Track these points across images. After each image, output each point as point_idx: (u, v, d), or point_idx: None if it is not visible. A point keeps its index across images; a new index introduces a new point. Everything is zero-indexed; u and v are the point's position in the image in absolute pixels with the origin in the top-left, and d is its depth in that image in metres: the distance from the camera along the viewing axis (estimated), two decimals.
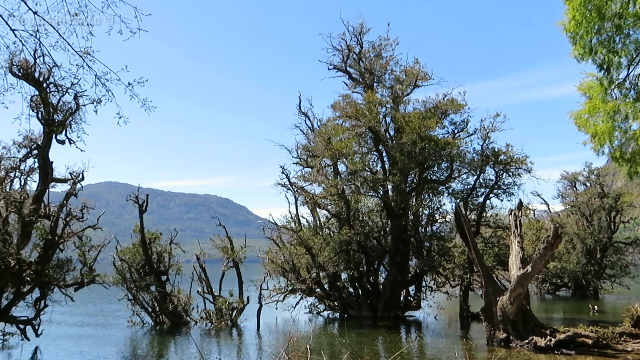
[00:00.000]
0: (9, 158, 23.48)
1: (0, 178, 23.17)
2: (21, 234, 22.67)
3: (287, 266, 37.01)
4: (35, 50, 10.20)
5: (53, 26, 9.48)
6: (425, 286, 38.76)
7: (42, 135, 23.03)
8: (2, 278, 21.70)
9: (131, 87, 10.39)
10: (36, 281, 23.15)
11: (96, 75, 10.06)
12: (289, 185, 39.36)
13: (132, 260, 33.33)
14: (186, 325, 33.20)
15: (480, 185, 37.49)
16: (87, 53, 9.90)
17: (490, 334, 24.61)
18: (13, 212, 22.71)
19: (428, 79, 38.59)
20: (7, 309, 23.17)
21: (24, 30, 9.54)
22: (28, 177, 24.13)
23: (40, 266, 23.06)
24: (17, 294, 23.00)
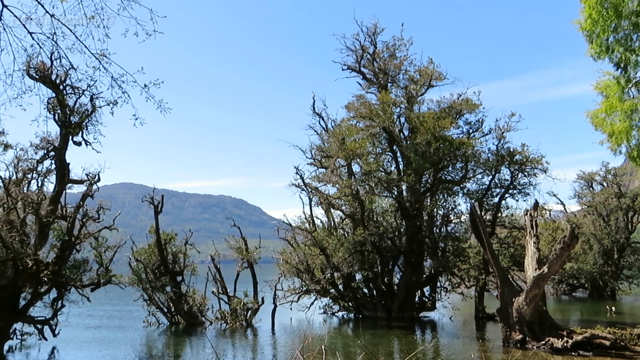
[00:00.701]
0: (26, 160, 23.70)
1: (18, 179, 23.40)
2: (38, 235, 22.86)
3: (302, 267, 37.04)
4: (52, 53, 10.32)
5: (70, 29, 9.58)
6: (440, 287, 38.63)
7: (59, 137, 23.21)
8: (20, 278, 21.89)
9: (147, 88, 10.46)
10: (53, 281, 23.33)
11: (112, 77, 10.15)
12: (303, 185, 39.43)
13: (147, 260, 33.55)
14: (201, 325, 33.34)
15: (496, 186, 37.29)
16: (104, 55, 9.99)
17: (506, 335, 24.45)
18: (31, 213, 22.90)
19: (442, 79, 38.50)
20: (25, 309, 23.38)
21: (41, 33, 9.64)
22: (45, 178, 24.35)
23: (58, 267, 23.24)
24: (34, 294, 23.19)
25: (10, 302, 22.54)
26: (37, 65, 20.16)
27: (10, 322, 23.03)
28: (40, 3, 9.31)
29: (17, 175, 23.53)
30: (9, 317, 22.54)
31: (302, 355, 11.16)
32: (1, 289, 21.73)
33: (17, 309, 22.97)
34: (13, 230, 21.81)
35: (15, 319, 23.24)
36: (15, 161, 23.55)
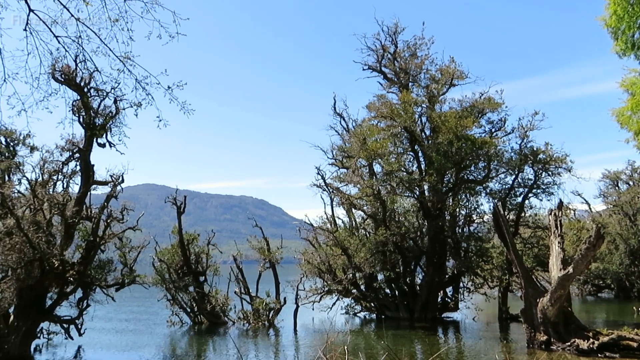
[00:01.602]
0: (52, 161, 24.09)
1: (44, 181, 23.78)
2: (64, 235, 23.22)
3: (323, 267, 37.05)
4: (76, 56, 10.43)
5: (94, 32, 9.70)
6: (463, 287, 38.33)
7: (84, 138, 23.55)
8: (46, 278, 22.25)
9: (170, 90, 10.56)
10: (79, 281, 23.66)
11: (136, 80, 10.25)
12: (325, 186, 39.46)
13: (170, 261, 33.85)
14: (224, 325, 33.55)
15: (519, 185, 36.89)
16: (128, 58, 10.10)
17: (531, 336, 24.18)
18: (56, 214, 23.27)
19: (464, 78, 38.21)
20: (51, 309, 23.77)
21: (66, 36, 9.78)
22: (70, 179, 24.72)
23: (83, 267, 23.57)
24: (60, 294, 23.56)
25: (37, 301, 22.93)
26: (62, 68, 20.46)
27: (37, 322, 23.43)
28: (65, 7, 9.44)
29: (43, 176, 23.93)
30: (36, 317, 22.93)
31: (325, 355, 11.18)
32: (28, 289, 22.10)
33: (44, 309, 23.36)
34: (40, 230, 22.17)
35: (42, 318, 23.64)
36: (41, 163, 23.98)
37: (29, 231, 21.61)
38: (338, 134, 41.96)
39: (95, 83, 20.20)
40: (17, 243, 21.41)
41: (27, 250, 21.47)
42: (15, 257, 21.41)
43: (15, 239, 21.59)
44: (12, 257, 21.41)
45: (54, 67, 20.13)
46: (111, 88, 18.96)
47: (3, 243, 21.94)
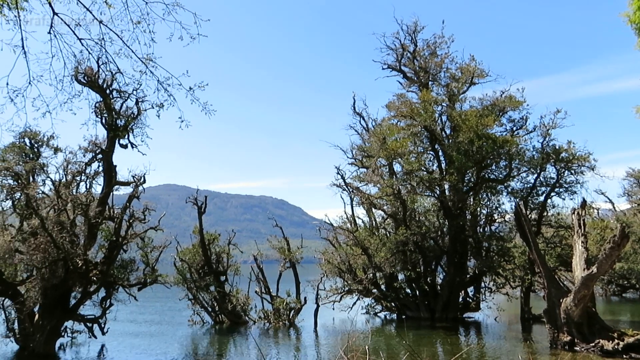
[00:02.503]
0: (75, 162, 24.40)
1: (68, 182, 24.09)
2: (87, 235, 23.52)
3: (344, 267, 37.02)
4: (98, 58, 10.55)
5: (117, 34, 9.80)
6: (485, 287, 38.03)
7: (106, 140, 23.82)
8: (70, 278, 22.56)
9: (192, 91, 10.64)
10: (102, 281, 23.95)
11: (158, 81, 10.35)
12: (345, 185, 39.42)
13: (192, 260, 34.07)
14: (245, 324, 33.69)
15: (541, 184, 36.48)
16: (150, 59, 10.19)
17: (554, 337, 23.92)
18: (80, 214, 23.58)
19: (485, 76, 37.91)
20: (75, 308, 24.09)
21: (90, 39, 9.90)
22: (93, 180, 25.01)
23: (106, 266, 23.85)
24: (84, 293, 23.87)
25: (62, 300, 23.27)
26: (85, 70, 20.71)
27: (61, 320, 23.77)
28: (88, 10, 9.55)
29: (66, 177, 24.24)
30: (60, 316, 23.26)
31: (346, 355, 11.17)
32: (53, 288, 22.44)
33: (68, 308, 23.70)
34: (63, 231, 22.48)
35: (66, 317, 23.98)
36: (64, 164, 24.28)
37: (53, 231, 21.92)
38: (358, 134, 41.96)
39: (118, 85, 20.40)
40: (42, 243, 21.75)
41: (51, 250, 21.80)
42: (40, 257, 21.75)
43: (40, 239, 21.93)
44: (37, 256, 21.75)
45: (77, 70, 20.40)
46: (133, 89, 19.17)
47: (28, 243, 22.31)
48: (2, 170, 23.04)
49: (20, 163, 23.63)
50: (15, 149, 23.90)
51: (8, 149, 23.72)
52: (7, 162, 23.19)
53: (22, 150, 24.14)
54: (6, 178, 23.43)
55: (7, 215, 24.42)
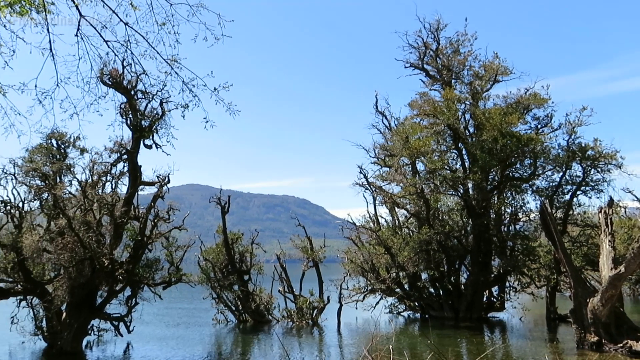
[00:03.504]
0: (101, 163, 24.72)
1: (94, 182, 24.43)
2: (113, 235, 23.83)
3: (367, 266, 36.96)
4: (123, 60, 10.66)
5: (142, 36, 9.90)
6: (509, 287, 37.66)
7: (131, 140, 24.10)
8: (97, 277, 22.88)
9: (217, 91, 10.70)
10: (127, 280, 24.23)
11: (183, 82, 10.43)
12: (367, 185, 39.31)
13: (215, 260, 34.30)
14: (268, 323, 33.82)
15: (567, 182, 36.00)
16: (175, 60, 10.28)
17: (581, 337, 23.58)
18: (106, 214, 23.89)
19: (509, 74, 37.50)
20: (102, 307, 24.42)
21: (116, 41, 10.01)
22: (119, 180, 25.31)
23: (131, 265, 24.12)
24: (110, 292, 24.18)
25: (88, 299, 23.61)
26: (110, 72, 20.99)
27: (88, 319, 24.12)
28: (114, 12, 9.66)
29: (92, 178, 24.57)
30: (87, 314, 23.62)
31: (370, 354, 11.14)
32: (80, 287, 22.78)
33: (95, 306, 24.03)
34: (90, 230, 22.80)
35: (93, 315, 24.32)
36: (90, 164, 24.62)
37: (80, 231, 22.26)
38: (380, 133, 41.79)
39: (144, 86, 20.63)
40: (69, 242, 22.09)
41: (78, 249, 22.13)
42: (67, 256, 22.10)
43: (67, 238, 22.28)
44: (65, 256, 22.11)
45: (102, 71, 20.71)
46: (157, 90, 19.39)
47: (56, 243, 22.67)
48: (30, 171, 23.44)
49: (48, 164, 24.01)
50: (42, 150, 24.29)
51: (36, 150, 24.10)
52: (35, 163, 23.59)
53: (49, 151, 24.51)
54: (34, 179, 23.84)
55: (35, 216, 24.81)
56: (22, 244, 22.46)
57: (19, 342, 25.15)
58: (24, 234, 22.85)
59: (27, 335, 25.00)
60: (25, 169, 23.47)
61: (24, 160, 23.72)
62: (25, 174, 23.56)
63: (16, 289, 24.08)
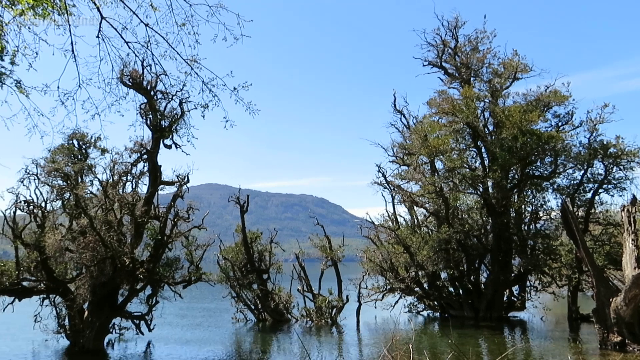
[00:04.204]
0: (121, 163, 24.96)
1: (115, 182, 24.67)
2: (134, 234, 24.04)
3: (385, 265, 36.87)
4: (143, 60, 10.73)
5: (162, 36, 9.97)
6: (530, 286, 37.32)
7: (151, 140, 24.29)
8: (118, 276, 23.10)
9: (236, 91, 10.74)
10: (148, 279, 24.43)
11: (203, 82, 10.47)
12: (386, 183, 39.22)
13: (235, 259, 34.44)
14: (287, 322, 33.88)
15: (588, 180, 35.55)
16: (195, 61, 10.34)
17: (604, 337, 23.28)
18: (127, 213, 24.10)
19: (528, 71, 37.16)
20: (123, 305, 24.66)
21: (136, 42, 10.09)
22: (139, 180, 25.52)
23: (152, 264, 24.31)
24: (131, 290, 24.41)
25: (110, 298, 23.85)
26: (130, 72, 21.17)
27: (110, 317, 24.37)
28: (135, 13, 9.74)
29: (113, 177, 24.81)
30: (108, 312, 23.86)
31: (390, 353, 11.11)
32: (101, 286, 23.02)
33: (116, 305, 24.27)
34: (111, 230, 23.04)
35: (114, 314, 24.56)
36: (111, 165, 24.87)
37: (101, 230, 22.50)
38: (398, 131, 41.68)
39: (164, 86, 20.76)
40: (91, 242, 22.33)
41: (99, 248, 22.37)
42: (89, 255, 22.34)
43: (88, 237, 22.53)
44: (86, 255, 22.36)
45: (122, 72, 20.89)
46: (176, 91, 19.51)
47: (77, 242, 22.94)
48: (53, 172, 23.75)
49: (69, 164, 24.30)
50: (64, 151, 24.59)
51: (57, 151, 24.40)
52: (57, 164, 23.89)
53: (70, 151, 24.81)
54: (56, 179, 24.15)
55: (57, 215, 25.12)
56: (45, 243, 22.77)
57: (42, 340, 25.52)
58: (47, 234, 23.15)
59: (50, 334, 25.36)
60: (48, 169, 23.78)
61: (46, 160, 24.04)
62: (47, 174, 23.87)
63: (39, 287, 24.40)
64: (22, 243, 23.39)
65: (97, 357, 22.98)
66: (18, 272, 23.51)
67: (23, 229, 23.78)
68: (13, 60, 9.05)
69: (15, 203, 23.47)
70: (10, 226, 23.34)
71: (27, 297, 24.55)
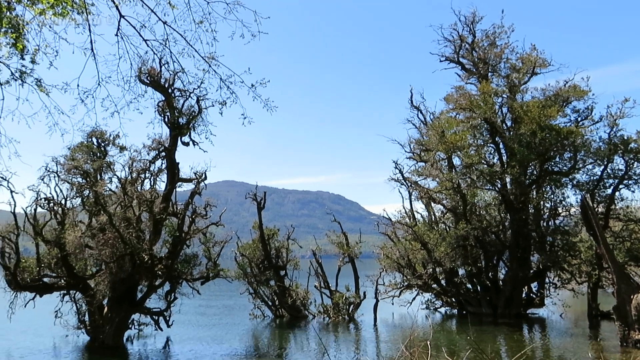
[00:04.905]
0: (140, 160, 25.13)
1: (133, 179, 24.87)
2: (152, 231, 24.24)
3: (403, 262, 36.77)
4: (160, 58, 10.77)
5: (180, 34, 9.99)
6: (549, 283, 36.95)
7: (169, 138, 24.44)
8: (137, 272, 23.31)
9: (254, 88, 10.74)
10: (167, 275, 24.61)
11: (221, 79, 10.48)
12: (403, 180, 39.07)
13: (252, 255, 34.57)
14: (304, 318, 33.96)
15: (608, 176, 35.09)
16: (212, 58, 10.35)
17: (624, 335, 23.02)
18: (145, 210, 24.30)
19: (547, 66, 36.71)
20: (142, 301, 24.89)
21: (154, 39, 10.13)
22: (157, 177, 25.68)
23: (170, 261, 24.49)
24: (150, 287, 24.62)
25: (129, 294, 24.08)
26: (148, 70, 21.28)
27: (129, 313, 24.62)
28: (153, 11, 9.78)
29: (132, 175, 25.00)
30: (127, 308, 24.09)
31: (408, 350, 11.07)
32: (121, 282, 23.24)
33: (135, 301, 24.50)
34: (130, 226, 23.25)
35: (133, 310, 24.81)
36: (130, 162, 25.06)
37: (120, 227, 22.70)
38: (415, 127, 41.51)
39: (182, 83, 20.84)
40: (110, 238, 22.55)
41: (119, 245, 22.58)
42: (109, 252, 22.56)
43: (108, 234, 22.75)
44: (106, 251, 22.58)
45: (140, 70, 21.00)
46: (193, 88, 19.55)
47: (97, 239, 23.19)
48: (72, 169, 23.99)
49: (89, 162, 24.52)
50: (83, 149, 24.81)
51: (77, 149, 24.63)
52: (76, 161, 24.12)
53: (89, 149, 25.03)
54: (76, 176, 24.39)
55: (77, 212, 25.40)
56: (65, 240, 23.06)
57: (62, 335, 25.86)
58: (67, 230, 23.45)
59: (70, 329, 25.69)
60: (67, 167, 24.03)
61: (66, 158, 24.30)
62: (67, 172, 24.13)
63: (60, 283, 24.75)
64: (42, 240, 23.72)
65: (117, 353, 23.23)
66: (39, 269, 23.87)
67: (44, 226, 24.10)
68: (34, 59, 9.15)
69: (36, 200, 23.80)
70: (31, 223, 23.68)
71: (47, 293, 24.94)
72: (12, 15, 8.84)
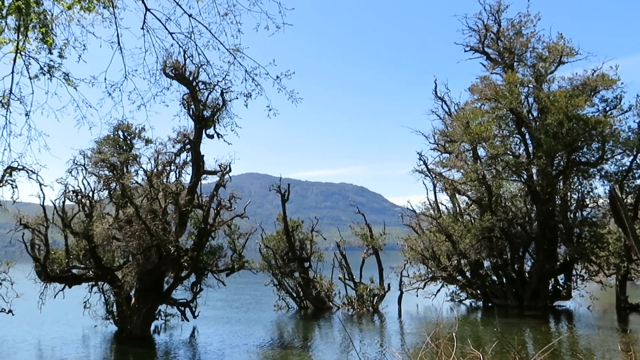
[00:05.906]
0: (165, 153, 25.37)
1: (159, 172, 25.11)
2: (178, 223, 24.48)
3: (427, 253, 36.60)
4: (184, 51, 10.82)
5: (205, 26, 10.03)
6: (576, 275, 36.45)
7: (194, 130, 24.61)
8: (163, 263, 23.59)
9: (279, 80, 10.76)
10: (192, 266, 24.87)
11: (246, 71, 10.51)
12: (427, 171, 38.82)
13: (276, 247, 34.73)
14: (329, 310, 34.05)
15: (638, 167, 34.46)
16: (237, 50, 10.38)
17: None
18: (171, 202, 24.55)
19: (574, 55, 36.00)
20: (168, 292, 25.19)
21: (180, 32, 10.19)
22: (182, 169, 25.90)
23: (196, 253, 24.73)
24: (176, 278, 24.89)
25: (156, 285, 24.40)
26: (172, 63, 21.43)
27: (155, 304, 24.96)
28: (178, 4, 9.83)
29: (157, 167, 25.26)
30: (154, 299, 24.41)
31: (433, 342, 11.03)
32: (147, 273, 23.54)
33: (162, 292, 24.81)
34: (156, 218, 23.50)
35: (160, 301, 25.14)
36: (155, 155, 25.31)
37: (147, 219, 22.97)
38: (440, 118, 41.11)
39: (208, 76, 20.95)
40: (137, 230, 22.84)
41: (145, 237, 22.86)
42: (135, 244, 22.86)
43: (134, 226, 23.05)
44: (133, 243, 22.88)
45: (165, 63, 21.15)
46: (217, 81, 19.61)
47: (124, 231, 23.50)
48: (99, 162, 24.34)
49: (115, 155, 24.83)
50: (110, 142, 25.12)
51: (104, 142, 24.96)
52: (103, 154, 24.46)
53: (116, 142, 25.33)
54: (103, 169, 24.74)
55: (104, 205, 25.77)
56: (93, 232, 23.42)
57: (91, 325, 26.32)
58: (95, 223, 23.81)
59: (98, 320, 26.17)
60: (95, 160, 24.38)
61: (93, 151, 24.65)
62: (94, 165, 24.48)
63: (88, 275, 25.18)
64: (71, 232, 24.13)
65: (144, 343, 23.57)
66: (68, 260, 24.30)
67: (72, 218, 24.52)
68: (62, 53, 9.27)
69: (64, 193, 24.19)
70: (59, 215, 24.10)
71: (76, 284, 25.40)
72: (40, 10, 8.97)
